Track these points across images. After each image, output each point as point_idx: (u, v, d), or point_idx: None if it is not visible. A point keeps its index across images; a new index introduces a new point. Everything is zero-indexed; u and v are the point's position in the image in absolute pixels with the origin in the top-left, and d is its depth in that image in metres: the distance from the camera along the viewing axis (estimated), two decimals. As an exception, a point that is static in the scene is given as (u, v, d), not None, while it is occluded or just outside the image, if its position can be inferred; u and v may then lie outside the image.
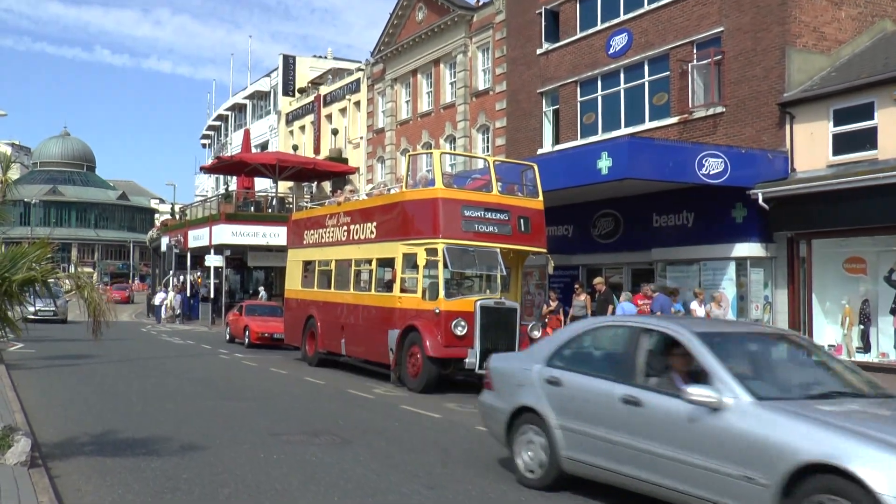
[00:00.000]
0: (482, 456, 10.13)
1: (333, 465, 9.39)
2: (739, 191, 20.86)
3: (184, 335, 33.44)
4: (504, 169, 19.52)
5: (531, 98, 30.34)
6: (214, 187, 69.64)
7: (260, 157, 45.61)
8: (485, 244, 16.80)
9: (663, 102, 24.78)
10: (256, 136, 57.26)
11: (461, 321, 16.23)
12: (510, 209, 17.36)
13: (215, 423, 12.05)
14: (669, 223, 23.52)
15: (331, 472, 8.99)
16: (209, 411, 13.23)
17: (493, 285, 17.62)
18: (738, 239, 21.47)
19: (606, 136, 25.91)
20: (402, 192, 18.37)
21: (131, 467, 8.93)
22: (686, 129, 23.74)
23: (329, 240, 21.61)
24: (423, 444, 10.81)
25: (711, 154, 20.01)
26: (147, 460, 9.30)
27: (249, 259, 42.52)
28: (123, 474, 8.60)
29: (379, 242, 18.79)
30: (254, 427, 11.71)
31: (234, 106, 64.70)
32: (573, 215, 26.46)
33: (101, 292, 8.93)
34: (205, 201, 49.01)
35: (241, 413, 13.08)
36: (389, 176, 39.44)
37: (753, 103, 21.86)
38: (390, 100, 40.51)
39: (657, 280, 24.18)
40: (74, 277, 9.13)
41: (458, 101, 34.98)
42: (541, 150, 29.37)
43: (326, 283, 21.76)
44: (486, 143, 33.73)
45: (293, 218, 25.60)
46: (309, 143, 50.09)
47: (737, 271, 21.83)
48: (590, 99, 27.67)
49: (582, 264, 27.04)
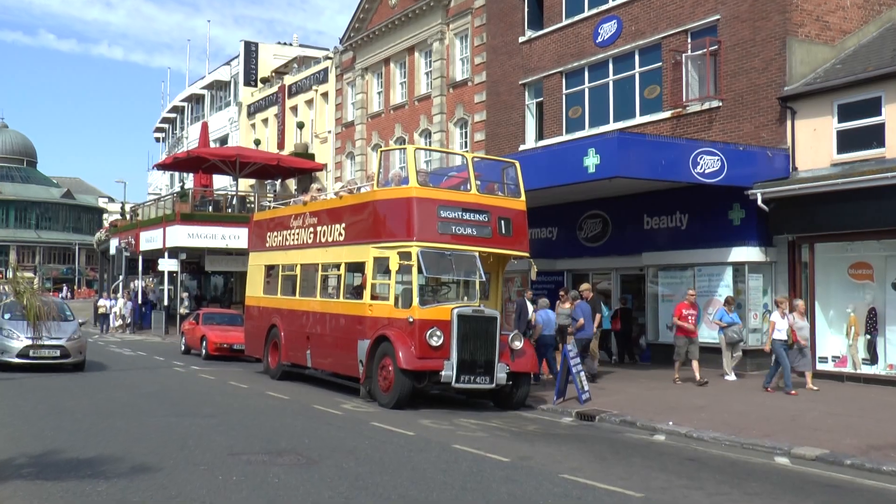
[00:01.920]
0: (458, 477, 10.10)
1: (298, 487, 9.33)
2: (737, 191, 20.99)
3: (134, 346, 33.20)
4: (483, 166, 19.50)
5: (513, 90, 30.39)
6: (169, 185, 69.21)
7: (219, 153, 45.36)
8: (462, 247, 16.77)
9: (655, 96, 24.90)
10: (215, 129, 57.00)
11: (437, 331, 16.20)
12: (490, 210, 17.35)
13: (169, 441, 11.94)
14: (662, 225, 23.62)
15: (295, 496, 8.93)
16: (162, 429, 13.10)
17: (472, 292, 17.60)
18: (736, 242, 21.61)
19: (594, 131, 26.01)
20: (373, 190, 18.33)
21: (75, 491, 8.82)
22: (679, 124, 23.86)
23: (294, 242, 21.51)
24: (395, 465, 10.77)
25: (707, 151, 20.12)
26: (93, 483, 9.18)
27: (207, 263, 42.24)
28: (66, 499, 8.49)
29: (348, 245, 18.72)
30: (211, 446, 11.61)
31: (191, 97, 64.37)
32: (558, 216, 26.50)
33: (41, 295, 8.84)
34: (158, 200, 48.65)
35: (197, 431, 12.97)
36: (359, 173, 39.38)
37: (752, 97, 22.01)
38: (361, 91, 40.45)
39: (648, 287, 24.31)
40: (13, 283, 9.03)
41: (433, 92, 34.99)
42: (523, 145, 29.43)
43: (291, 290, 21.66)
44: (465, 138, 33.75)
45: (255, 219, 25.47)
46: (272, 138, 49.88)
47: (734, 277, 21.96)
48: (576, 91, 27.76)
49: (567, 269, 27.11)
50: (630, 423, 14.83)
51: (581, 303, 20.31)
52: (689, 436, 13.61)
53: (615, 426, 14.93)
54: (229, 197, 44.08)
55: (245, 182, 48.77)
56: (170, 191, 62.84)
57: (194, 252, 41.25)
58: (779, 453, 12.25)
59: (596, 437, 13.75)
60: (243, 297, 26.84)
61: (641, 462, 11.58)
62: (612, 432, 14.37)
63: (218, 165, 43.92)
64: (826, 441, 12.65)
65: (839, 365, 20.36)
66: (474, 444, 12.38)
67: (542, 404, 17.13)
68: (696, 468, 11.31)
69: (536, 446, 12.63)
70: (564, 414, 16.16)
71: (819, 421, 14.58)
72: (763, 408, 16.06)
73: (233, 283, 48.94)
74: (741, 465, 11.59)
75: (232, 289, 48.85)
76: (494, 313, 16.90)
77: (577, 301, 20.40)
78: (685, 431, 13.80)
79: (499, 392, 17.01)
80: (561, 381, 17.03)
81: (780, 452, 12.25)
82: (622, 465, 11.29)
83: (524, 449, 12.30)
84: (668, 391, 18.52)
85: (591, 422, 15.41)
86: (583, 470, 10.82)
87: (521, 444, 12.73)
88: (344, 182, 38.10)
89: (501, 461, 11.21)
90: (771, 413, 15.45)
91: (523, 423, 15.27)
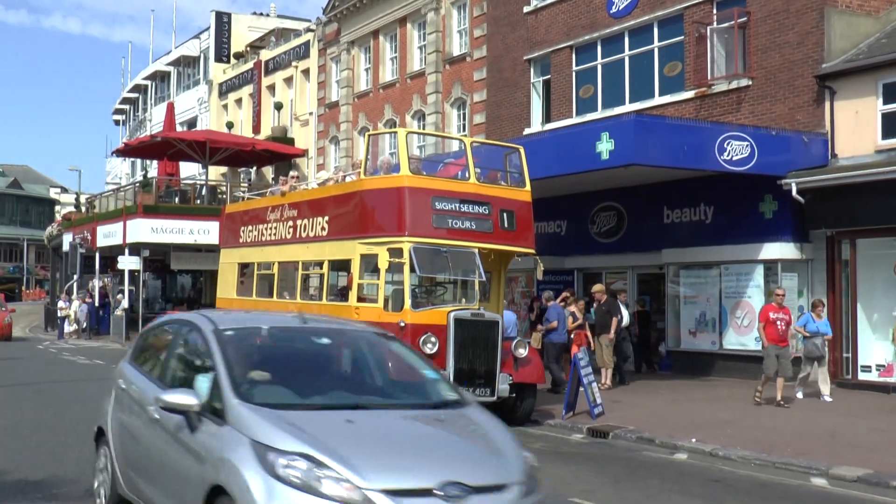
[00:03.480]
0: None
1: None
2: (769, 180, 21.00)
3: (90, 354, 33.11)
4: (484, 152, 19.48)
5: (516, 66, 30.38)
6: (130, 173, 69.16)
7: (186, 137, 45.30)
8: (460, 243, 16.74)
9: (676, 73, 24.90)
10: (182, 110, 56.94)
11: (431, 337, 16.16)
12: (491, 201, 17.31)
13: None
14: (684, 219, 23.63)
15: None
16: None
17: (471, 293, 17.57)
18: (768, 238, 21.61)
19: (607, 113, 26.00)
20: (360, 179, 18.30)
21: (24, 516, 8.78)
22: (704, 105, 23.86)
23: (271, 238, 21.49)
24: (384, 487, 10.74)
25: (735, 136, 20.13)
26: (44, 507, 9.16)
27: (173, 261, 42.20)
28: (14, 525, 8.47)
29: (332, 241, 18.69)
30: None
31: (155, 74, 64.30)
32: (567, 209, 26.51)
33: None
34: (118, 190, 48.64)
35: (161, 449, 12.92)
36: (345, 160, 39.35)
37: (786, 75, 22.01)
38: (346, 67, 40.42)
39: (668, 287, 24.32)
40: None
41: (428, 69, 34.97)
42: (528, 129, 29.42)
43: (267, 291, 21.64)
44: (462, 120, 33.73)
45: (227, 211, 25.46)
46: (247, 120, 49.83)
47: (765, 277, 21.97)
48: (588, 68, 27.75)
49: (577, 268, 27.12)
50: (648, 441, 14.83)
51: (554, 304, 20.58)
52: (715, 454, 13.60)
53: (631, 443, 14.93)
54: (198, 187, 44.02)
55: (216, 170, 48.69)
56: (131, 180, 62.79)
57: (158, 248, 41.19)
58: (815, 474, 12.25)
59: (609, 456, 13.74)
60: (214, 298, 26.79)
61: (660, 484, 11.58)
62: (628, 450, 14.36)
63: (185, 151, 43.84)
64: (869, 460, 12.64)
65: (885, 374, 20.36)
66: (473, 464, 12.35)
67: (549, 419, 17.13)
68: (721, 491, 11.31)
69: (543, 466, 12.61)
70: (574, 430, 16.15)
71: (861, 437, 14.60)
72: (797, 422, 16.07)
73: (202, 283, 48.90)
74: (773, 488, 11.60)
75: (201, 290, 48.79)
76: (496, 317, 16.87)
77: (551, 302, 20.62)
78: (710, 449, 13.79)
79: (501, 405, 16.94)
80: (570, 393, 17.02)
81: (817, 473, 12.25)
82: (638, 488, 11.29)
83: (529, 469, 12.28)
84: (691, 404, 18.53)
85: (605, 439, 15.40)
86: (594, 493, 10.81)
87: (525, 464, 12.71)
88: (327, 170, 38.08)
89: (504, 483, 11.18)
90: (806, 428, 15.46)
91: (528, 439, 15.22)
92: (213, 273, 36.20)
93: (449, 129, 33.84)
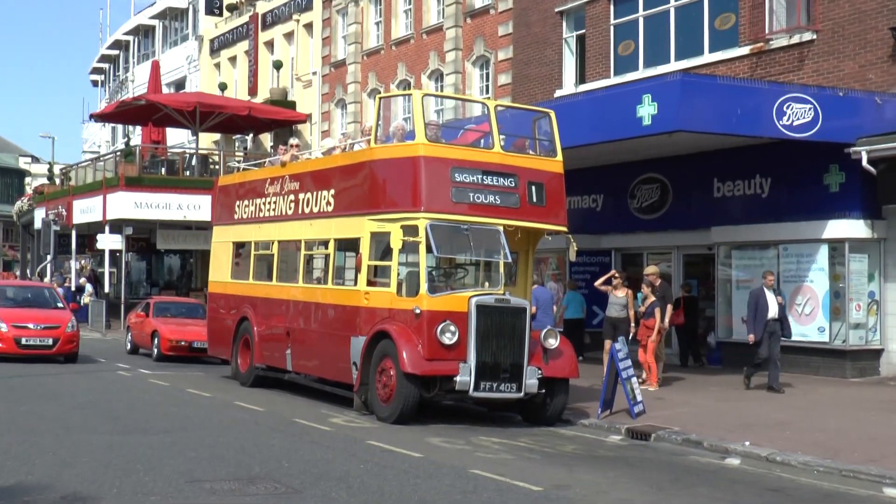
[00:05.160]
0: (479, 511, 10.12)
1: (274, 523, 9.35)
2: (835, 148, 20.88)
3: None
4: (510, 117, 19.42)
5: (547, 20, 30.28)
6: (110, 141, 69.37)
7: (174, 100, 45.40)
8: (483, 220, 16.73)
9: (729, 26, 24.76)
10: (169, 70, 57.00)
11: (450, 325, 16.18)
12: (518, 172, 17.28)
13: (111, 464, 11.97)
14: (737, 192, 23.56)
15: (271, 533, 8.95)
16: (102, 449, 13.14)
17: (494, 276, 17.55)
18: (833, 214, 21.52)
19: (650, 72, 25.90)
20: (370, 148, 18.29)
21: (-7, 526, 8.85)
22: (761, 63, 23.73)
23: (269, 214, 21.52)
24: (398, 495, 10.79)
25: (796, 98, 20.00)
26: (16, 516, 9.22)
27: (159, 240, 42.36)
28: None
29: (338, 217, 18.70)
30: (164, 471, 11.64)
31: (138, 28, 64.34)
32: (604, 181, 26.46)
33: None
34: (96, 160, 48.77)
35: (146, 451, 13.01)
36: (353, 126, 39.34)
37: (856, 27, 21.84)
38: (354, 21, 40.35)
39: (719, 270, 24.23)
40: None
41: (446, 23, 34.88)
42: (560, 91, 29.35)
43: (266, 274, 21.69)
44: (485, 81, 33.66)
45: (220, 184, 25.48)
46: (242, 81, 49.82)
47: (830, 258, 21.89)
48: (628, 21, 27.62)
49: (615, 248, 27.10)
50: (695, 443, 14.82)
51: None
52: (772, 459, 13.59)
53: (676, 446, 14.93)
54: (187, 156, 44.09)
55: (208, 137, 48.79)
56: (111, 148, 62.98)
57: (143, 226, 41.35)
58: (889, 483, 12.20)
59: (651, 461, 13.74)
60: (205, 282, 26.91)
61: (709, 493, 11.57)
62: (672, 454, 14.36)
63: (173, 116, 43.93)
64: (949, 468, 12.61)
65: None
66: (497, 469, 12.39)
67: (582, 418, 17.14)
68: (779, 501, 11.29)
69: (576, 472, 12.63)
70: (611, 431, 16.16)
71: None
72: (867, 424, 16.03)
73: (192, 265, 49.08)
74: (839, 498, 11.58)
75: (191, 272, 49.02)
76: (523, 303, 16.87)
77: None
78: (766, 454, 13.78)
79: (528, 403, 17.01)
80: (607, 389, 17.02)
81: (891, 482, 12.21)
82: (684, 497, 11.29)
83: (560, 475, 12.30)
84: (744, 403, 18.50)
85: (646, 441, 15.41)
86: (634, 502, 10.80)
87: (556, 469, 12.73)
88: (333, 137, 38.09)
89: (532, 490, 11.23)
90: (878, 431, 15.42)
91: (559, 441, 15.29)
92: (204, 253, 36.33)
93: (470, 91, 33.78)
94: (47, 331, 25.35)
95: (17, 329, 25.13)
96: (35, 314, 26.06)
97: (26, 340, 25.06)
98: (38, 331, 25.30)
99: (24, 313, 26.00)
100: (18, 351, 24.96)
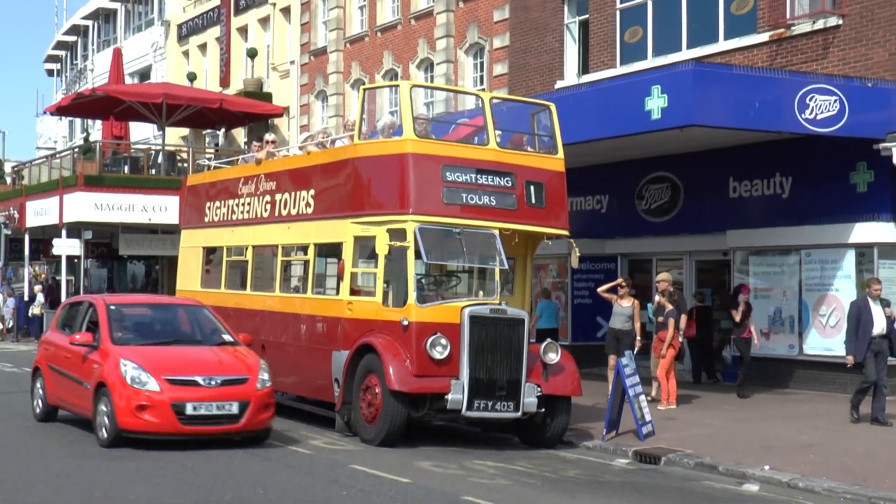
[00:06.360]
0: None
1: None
2: (863, 144, 20.92)
3: (18, 360, 33.12)
4: (506, 111, 19.48)
5: (547, 3, 30.31)
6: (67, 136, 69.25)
7: (138, 91, 45.34)
8: (477, 223, 16.76)
9: (747, 11, 24.80)
10: (132, 59, 56.92)
11: (441, 338, 16.19)
12: (515, 171, 17.31)
13: (67, 490, 11.95)
14: (755, 192, 23.60)
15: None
16: (59, 474, 13.16)
17: (490, 285, 17.59)
18: (861, 216, 21.55)
19: (659, 61, 25.92)
20: (353, 144, 18.31)
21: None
22: (781, 51, 23.78)
23: (243, 216, 21.52)
24: (384, 524, 10.78)
25: (820, 89, 20.04)
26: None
27: (122, 245, 42.22)
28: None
29: (319, 220, 18.72)
30: (128, 497, 11.63)
31: (98, 12, 64.24)
32: (609, 181, 26.49)
33: None
34: (52, 157, 48.69)
35: (107, 476, 13.02)
36: (334, 120, 39.34)
37: (885, 12, 21.85)
38: (336, 5, 40.37)
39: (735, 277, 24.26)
40: None
41: (437, 7, 34.90)
42: (561, 82, 29.37)
43: (240, 282, 21.69)
44: (480, 71, 33.68)
45: (189, 183, 25.50)
46: (213, 71, 49.78)
47: (858, 264, 21.91)
48: (635, 5, 27.66)
49: (622, 253, 27.12)
50: (710, 468, 14.85)
51: None
52: (793, 485, 13.62)
53: (688, 471, 14.95)
54: (153, 153, 44.02)
55: (175, 132, 48.75)
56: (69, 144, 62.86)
57: (104, 229, 41.27)
58: (919, 510, 12.26)
59: (661, 487, 13.77)
60: (172, 291, 26.86)
61: (726, 521, 11.59)
62: (684, 479, 14.39)
63: (136, 109, 43.87)
64: None
65: None
66: (492, 496, 12.41)
67: (586, 440, 17.16)
68: (801, 530, 11.32)
69: (579, 499, 12.65)
70: (618, 454, 16.18)
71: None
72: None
73: (157, 272, 48.97)
74: (865, 526, 11.60)
75: (157, 280, 48.88)
76: (521, 314, 16.89)
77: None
78: (787, 479, 13.81)
79: (527, 423, 17.01)
80: (613, 408, 17.03)
81: (921, 509, 12.26)
82: (699, 526, 11.31)
83: (562, 503, 12.30)
84: (764, 423, 18.53)
85: (655, 465, 15.43)
86: (644, 532, 10.84)
87: (557, 496, 12.75)
88: (312, 132, 38.08)
89: (531, 519, 11.23)
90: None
91: (560, 465, 15.30)
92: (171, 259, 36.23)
93: (463, 81, 33.79)
94: (228, 389, 15.79)
95: (177, 387, 15.50)
96: (197, 357, 16.58)
97: (194, 408, 15.40)
98: (213, 389, 15.64)
99: (178, 355, 16.55)
100: (182, 429, 15.39)
